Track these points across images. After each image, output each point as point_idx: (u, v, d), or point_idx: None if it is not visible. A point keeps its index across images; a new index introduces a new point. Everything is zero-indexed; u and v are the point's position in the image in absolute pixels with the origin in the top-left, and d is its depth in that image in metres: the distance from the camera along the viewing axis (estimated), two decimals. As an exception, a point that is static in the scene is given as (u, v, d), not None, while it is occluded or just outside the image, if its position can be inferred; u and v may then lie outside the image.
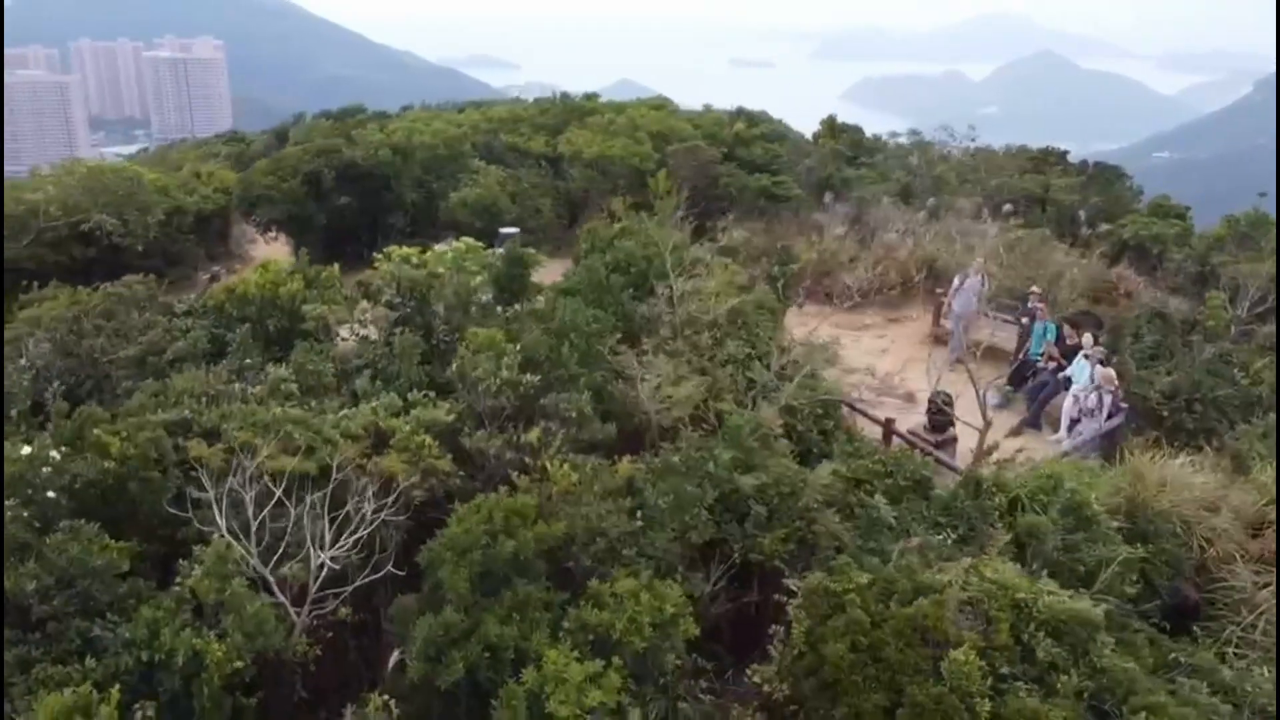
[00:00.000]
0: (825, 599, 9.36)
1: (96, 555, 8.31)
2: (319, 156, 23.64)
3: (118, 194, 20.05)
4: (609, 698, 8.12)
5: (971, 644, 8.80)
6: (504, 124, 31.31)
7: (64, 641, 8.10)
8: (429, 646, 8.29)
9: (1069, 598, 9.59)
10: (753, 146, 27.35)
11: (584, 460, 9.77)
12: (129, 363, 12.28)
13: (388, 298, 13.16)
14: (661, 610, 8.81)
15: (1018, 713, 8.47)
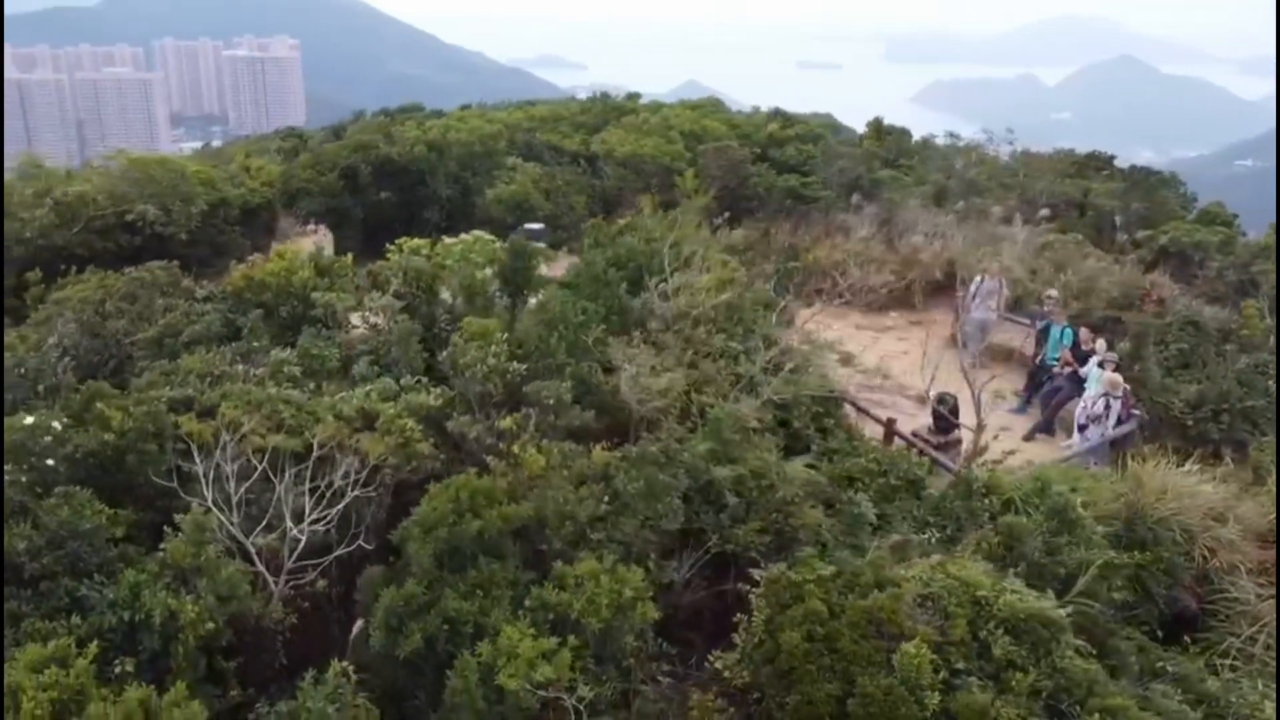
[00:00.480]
0: (785, 589, 9.51)
1: (87, 519, 8.83)
2: (356, 152, 24.35)
3: (162, 185, 20.92)
4: (560, 673, 8.40)
5: (925, 638, 8.88)
6: (545, 122, 31.82)
7: (53, 599, 8.64)
8: (390, 617, 8.66)
9: (1035, 598, 9.59)
10: (786, 147, 27.39)
11: (557, 446, 10.05)
12: (148, 343, 12.92)
13: (395, 287, 13.61)
14: (620, 593, 9.05)
15: (966, 707, 8.54)
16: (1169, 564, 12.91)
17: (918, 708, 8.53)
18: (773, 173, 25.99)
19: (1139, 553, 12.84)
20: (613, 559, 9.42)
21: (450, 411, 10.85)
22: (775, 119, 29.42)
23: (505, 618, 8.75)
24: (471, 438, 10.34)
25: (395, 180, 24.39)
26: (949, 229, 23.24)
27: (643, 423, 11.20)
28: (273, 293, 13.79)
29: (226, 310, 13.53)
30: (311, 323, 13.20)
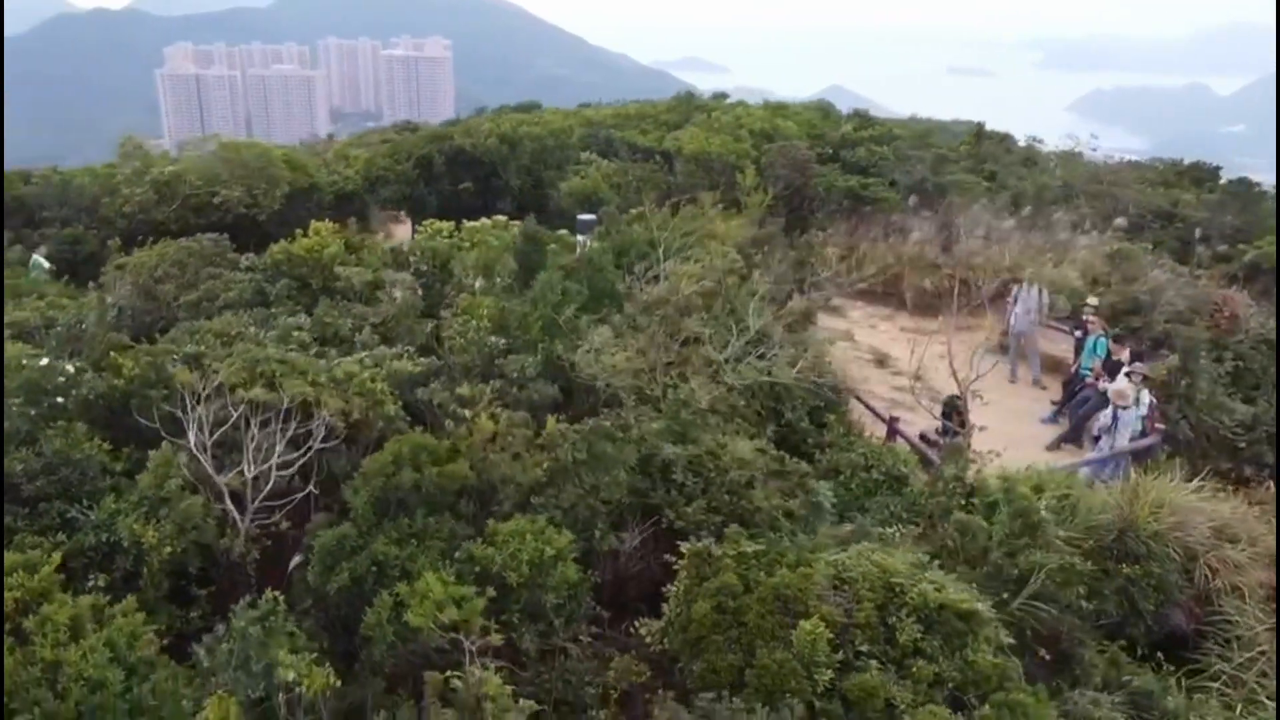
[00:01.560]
0: (705, 563, 9.85)
1: (80, 450, 9.98)
2: (431, 142, 25.62)
3: (249, 168, 22.63)
4: (471, 618, 9.00)
5: (825, 617, 9.09)
6: (631, 119, 32.53)
7: (45, 518, 9.80)
8: (325, 556, 9.47)
9: (956, 591, 9.61)
10: (859, 148, 27.19)
11: (508, 414, 10.66)
12: (189, 306, 14.23)
13: (415, 265, 14.51)
14: (542, 552, 9.59)
15: (856, 686, 8.72)
16: (1160, 580, 12.54)
17: (809, 683, 8.76)
18: (836, 173, 25.90)
19: (1128, 566, 12.55)
20: (543, 521, 9.97)
21: (426, 379, 11.61)
22: (849, 120, 29.21)
23: (430, 565, 9.42)
24: (436, 404, 11.06)
25: (469, 171, 25.53)
26: (1010, 235, 22.69)
27: (604, 400, 11.68)
28: (308, 266, 14.91)
29: (262, 280, 14.73)
30: (334, 295, 14.24)
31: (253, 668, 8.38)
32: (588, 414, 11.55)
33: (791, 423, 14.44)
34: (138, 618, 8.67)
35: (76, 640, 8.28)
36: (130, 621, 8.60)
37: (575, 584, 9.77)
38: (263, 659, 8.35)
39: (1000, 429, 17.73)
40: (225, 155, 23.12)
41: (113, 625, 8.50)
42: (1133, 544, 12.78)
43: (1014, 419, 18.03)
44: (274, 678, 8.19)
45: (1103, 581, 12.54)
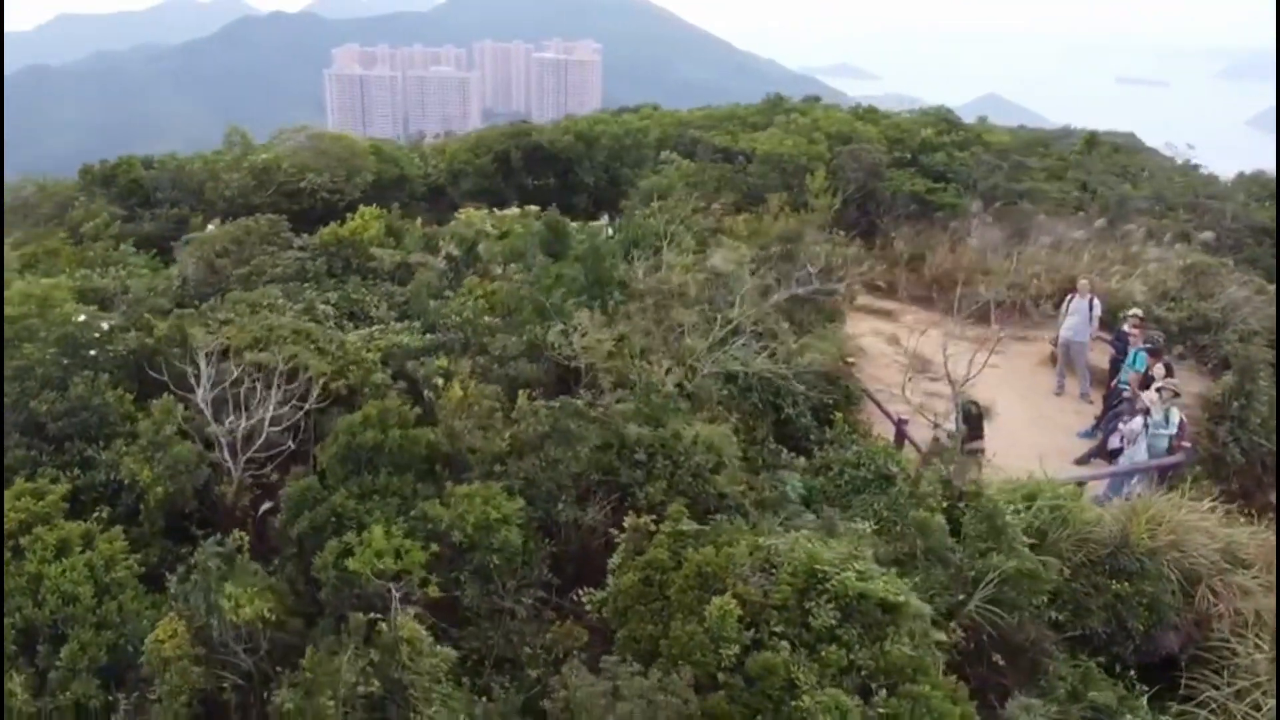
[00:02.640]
0: (642, 537, 10.26)
1: (100, 396, 11.21)
2: (510, 138, 26.67)
3: (335, 157, 24.18)
4: (412, 569, 9.70)
5: (739, 594, 9.36)
6: (721, 120, 32.85)
7: (67, 454, 11.06)
8: (292, 504, 10.36)
9: (886, 584, 9.68)
10: (938, 153, 26.65)
11: (477, 386, 11.32)
12: (240, 279, 15.54)
13: (446, 249, 15.41)
14: (488, 515, 10.21)
15: (759, 663, 8.97)
16: (1153, 599, 12.16)
17: (715, 656, 9.07)
18: (907, 176, 25.49)
19: (1118, 582, 12.22)
20: (498, 488, 10.59)
21: (419, 354, 12.41)
22: (929, 124, 28.61)
23: (385, 519, 10.17)
24: (420, 375, 11.84)
25: (547, 166, 26.44)
26: (1082, 245, 21.91)
27: (588, 381, 12.21)
28: (350, 248, 16.03)
29: (308, 258, 15.93)
30: (367, 274, 15.28)
31: (207, 597, 9.31)
32: (565, 393, 12.09)
33: (791, 417, 14.61)
34: (118, 545, 9.76)
35: (60, 559, 9.41)
36: (110, 548, 9.69)
37: (520, 548, 10.33)
38: (216, 590, 9.27)
39: (1032, 440, 17.33)
40: (314, 145, 24.80)
41: (95, 550, 9.59)
42: (1125, 561, 12.43)
43: (1050, 431, 17.55)
44: (219, 607, 9.10)
45: (1091, 597, 12.27)
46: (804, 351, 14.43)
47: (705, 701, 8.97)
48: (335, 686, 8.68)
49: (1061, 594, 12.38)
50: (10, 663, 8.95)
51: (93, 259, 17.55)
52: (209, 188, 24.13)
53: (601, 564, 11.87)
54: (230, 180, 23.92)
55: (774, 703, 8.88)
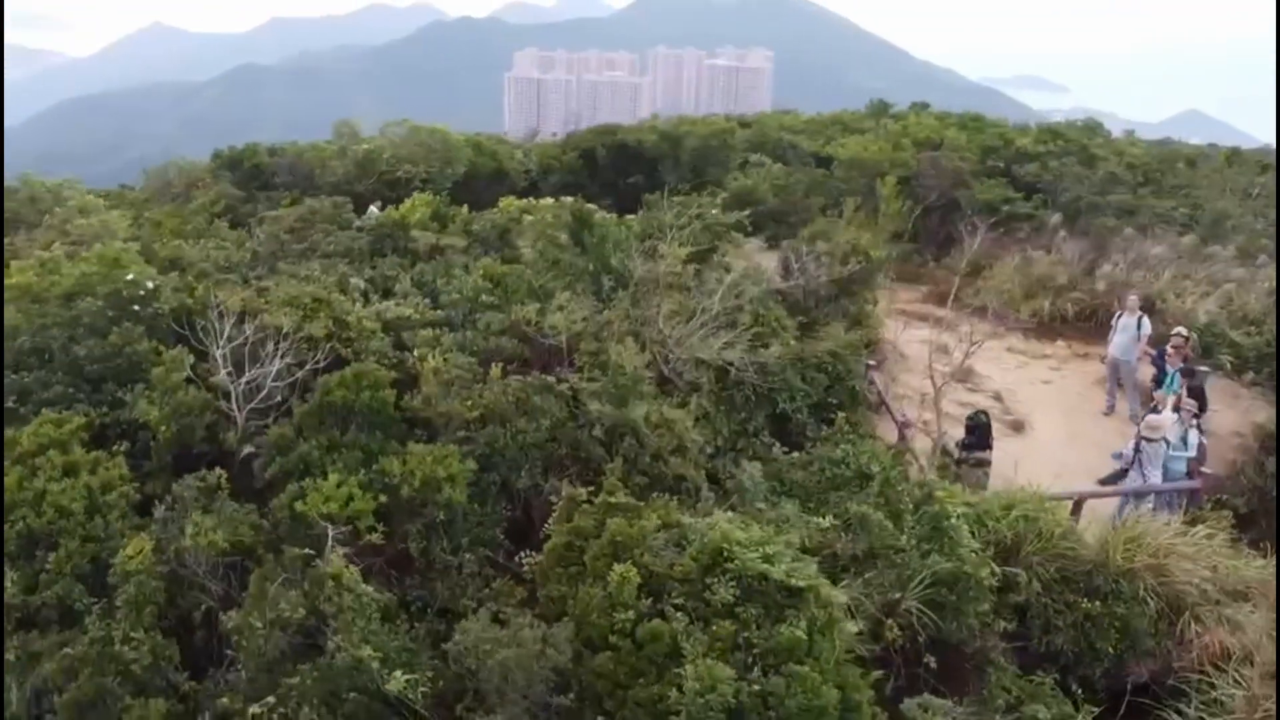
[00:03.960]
0: (574, 506, 10.82)
1: (132, 346, 12.70)
2: (597, 136, 27.55)
3: (430, 149, 25.73)
4: (358, 515, 10.63)
5: (641, 563, 9.80)
6: (823, 125, 32.81)
7: (101, 394, 12.59)
8: (269, 450, 11.49)
9: (786, 568, 9.86)
10: (1032, 163, 25.68)
11: (452, 358, 12.16)
12: (296, 254, 17.03)
13: (477, 234, 16.40)
14: (435, 471, 11.03)
15: (647, 629, 9.41)
16: (1125, 622, 11.80)
17: (608, 619, 9.56)
18: (989, 186, 24.70)
19: (1089, 601, 11.90)
20: (453, 449, 11.39)
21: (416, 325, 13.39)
22: (1028, 134, 27.49)
23: (347, 470, 11.15)
24: (412, 345, 12.79)
25: (633, 165, 27.19)
26: (1162, 262, 20.81)
27: (567, 359, 12.87)
28: (401, 230, 17.28)
29: (358, 238, 17.26)
30: (405, 254, 16.45)
31: (180, 524, 10.54)
32: (547, 371, 12.79)
33: (787, 412, 14.79)
34: (115, 472, 11.12)
35: (65, 478, 10.83)
36: (109, 474, 11.06)
37: (464, 506, 11.11)
38: (184, 519, 10.48)
39: (1061, 457, 16.75)
40: (413, 138, 26.46)
41: (95, 474, 10.99)
42: (1100, 580, 12.07)
43: (1085, 449, 16.90)
44: (183, 533, 10.30)
45: (1061, 614, 12.00)
46: (806, 348, 14.56)
47: (594, 660, 9.48)
48: (263, 610, 9.68)
49: (1031, 608, 12.16)
50: (11, 562, 10.41)
51: (189, 231, 19.51)
52: (318, 175, 26.16)
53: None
54: (335, 168, 25.87)
55: (658, 668, 9.28)
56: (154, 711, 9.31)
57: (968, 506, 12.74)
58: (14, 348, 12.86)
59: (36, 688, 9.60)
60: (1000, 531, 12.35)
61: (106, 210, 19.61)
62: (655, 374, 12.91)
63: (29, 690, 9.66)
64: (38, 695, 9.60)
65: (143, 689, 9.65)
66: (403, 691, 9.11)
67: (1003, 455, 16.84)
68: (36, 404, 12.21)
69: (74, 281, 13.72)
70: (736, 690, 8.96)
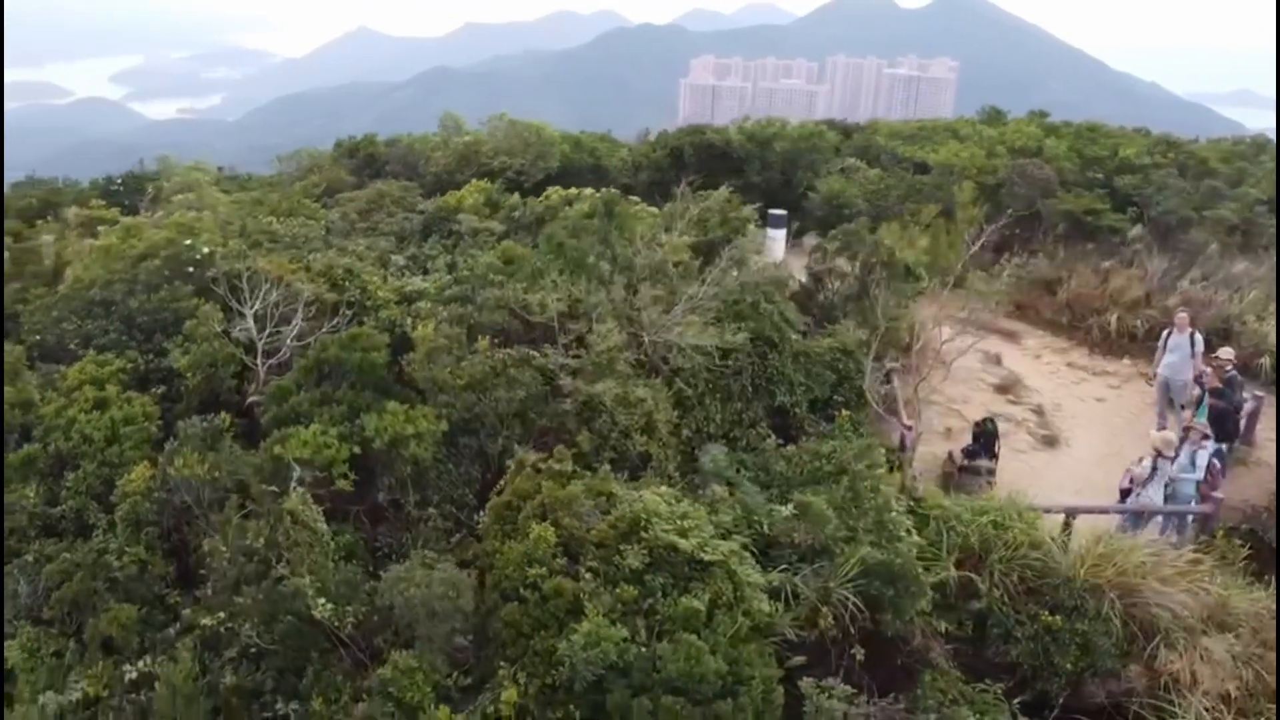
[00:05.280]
0: (521, 470, 11.48)
1: (180, 302, 14.27)
2: (686, 135, 28.01)
3: (526, 143, 26.93)
4: (331, 463, 11.66)
5: (565, 526, 10.36)
6: (934, 132, 32.03)
7: (151, 343, 14.21)
8: (268, 400, 12.70)
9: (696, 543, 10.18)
10: (1135, 175, 24.23)
11: (444, 330, 13.05)
12: (359, 231, 18.48)
13: (517, 220, 17.32)
14: (404, 429, 11.94)
15: (552, 585, 10.00)
16: (1085, 640, 11.47)
17: (523, 573, 10.19)
18: (1076, 197, 23.49)
19: (1050, 615, 11.61)
20: (427, 410, 12.28)
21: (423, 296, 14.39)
22: (1131, 144, 25.84)
23: (330, 421, 12.22)
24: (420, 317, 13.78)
25: (720, 164, 27.50)
26: (1254, 281, 19.43)
27: (553, 336, 13.56)
28: (452, 213, 18.46)
29: (412, 220, 18.53)
30: (451, 235, 17.57)
31: (178, 457, 11.88)
32: (531, 346, 13.52)
33: (785, 406, 14.93)
34: (138, 409, 12.60)
35: (95, 411, 12.39)
36: (131, 410, 12.54)
37: (429, 462, 11.97)
38: (180, 453, 11.80)
39: (1085, 474, 16.15)
40: (511, 131, 27.75)
41: (122, 410, 12.50)
42: (1064, 594, 11.72)
43: (1115, 468, 16.09)
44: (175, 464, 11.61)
45: (1022, 625, 11.74)
46: (810, 345, 14.69)
47: (504, 608, 10.13)
48: (230, 538, 10.83)
49: (991, 616, 11.93)
50: (40, 478, 12.02)
51: (283, 209, 21.37)
52: (422, 164, 27.86)
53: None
54: (437, 159, 27.49)
55: (559, 622, 9.84)
56: (126, 614, 10.58)
57: (940, 508, 12.67)
58: (85, 297, 14.67)
59: (42, 585, 11.06)
60: (966, 536, 12.17)
61: (213, 188, 21.72)
62: (636, 356, 13.38)
63: (39, 587, 11.14)
64: (44, 592, 11.05)
65: (128, 596, 10.99)
66: (329, 618, 10.03)
67: (1026, 468, 16.42)
68: (94, 346, 13.93)
69: (146, 245, 15.46)
70: (623, 650, 9.42)
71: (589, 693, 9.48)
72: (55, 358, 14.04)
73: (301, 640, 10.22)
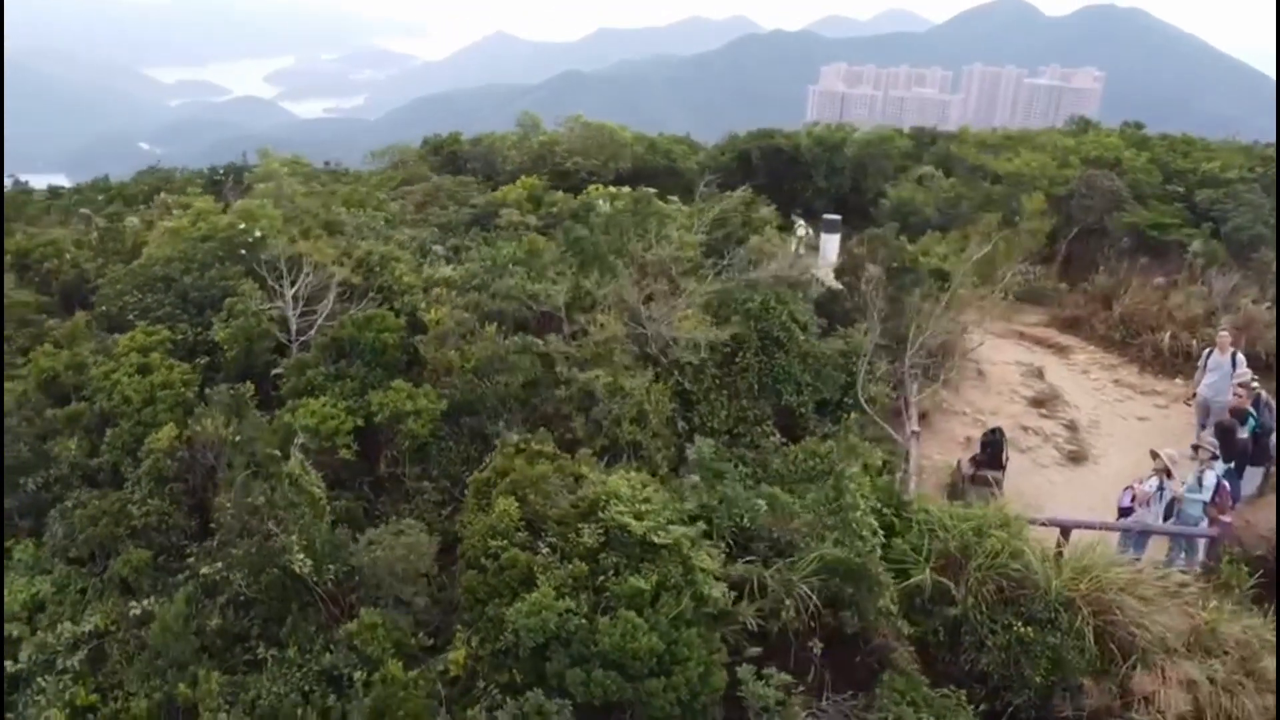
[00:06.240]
0: (507, 447, 12.09)
1: (228, 279, 15.46)
2: (754, 139, 28.12)
3: (599, 143, 27.59)
4: (335, 433, 12.54)
5: (530, 502, 10.92)
6: (1014, 141, 31.20)
7: (202, 316, 15.42)
8: (290, 373, 13.68)
9: (645, 526, 10.56)
10: (1216, 189, 23.06)
11: (460, 315, 13.78)
12: (413, 222, 19.50)
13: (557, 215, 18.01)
14: (404, 405, 12.71)
15: (508, 556, 10.59)
16: (1055, 653, 11.36)
17: (484, 544, 10.80)
18: (1147, 209, 22.50)
19: (1022, 625, 11.53)
20: (430, 390, 13.04)
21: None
22: (1221, 156, 24.47)
23: (338, 394, 13.12)
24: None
25: (788, 169, 27.56)
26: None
27: (561, 326, 14.14)
28: (498, 208, 19.29)
29: (460, 214, 19.42)
30: (492, 228, 18.37)
31: (207, 420, 12.96)
32: (538, 334, 14.14)
33: (791, 405, 15.11)
34: (177, 375, 13.75)
35: (138, 375, 13.61)
36: (170, 376, 13.71)
37: (425, 438, 12.71)
38: (207, 415, 12.88)
39: (1104, 492, 15.64)
40: (584, 132, 28.47)
41: (161, 375, 13.70)
42: (1038, 606, 11.59)
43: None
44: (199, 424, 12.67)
45: (995, 635, 11.69)
46: (816, 346, 14.86)
47: (465, 575, 10.76)
48: (234, 495, 11.80)
49: (965, 624, 11.88)
50: (85, 433, 13.29)
51: (354, 200, 22.65)
52: (499, 162, 28.90)
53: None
54: (513, 157, 28.48)
55: (512, 591, 10.40)
56: (140, 558, 11.67)
57: (924, 513, 12.67)
58: (149, 274, 16.03)
59: (74, 528, 12.26)
60: (947, 542, 12.16)
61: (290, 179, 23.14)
62: (640, 349, 13.83)
63: (72, 530, 12.34)
64: (75, 534, 12.25)
65: (147, 543, 12.09)
66: (308, 574, 10.85)
67: (1044, 483, 16.11)
68: (151, 318, 15.23)
69: (209, 228, 16.78)
70: (564, 621, 9.90)
71: (533, 659, 10.02)
72: (117, 327, 15.39)
73: (284, 592, 11.07)
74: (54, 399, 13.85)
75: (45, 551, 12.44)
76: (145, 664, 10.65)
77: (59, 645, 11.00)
